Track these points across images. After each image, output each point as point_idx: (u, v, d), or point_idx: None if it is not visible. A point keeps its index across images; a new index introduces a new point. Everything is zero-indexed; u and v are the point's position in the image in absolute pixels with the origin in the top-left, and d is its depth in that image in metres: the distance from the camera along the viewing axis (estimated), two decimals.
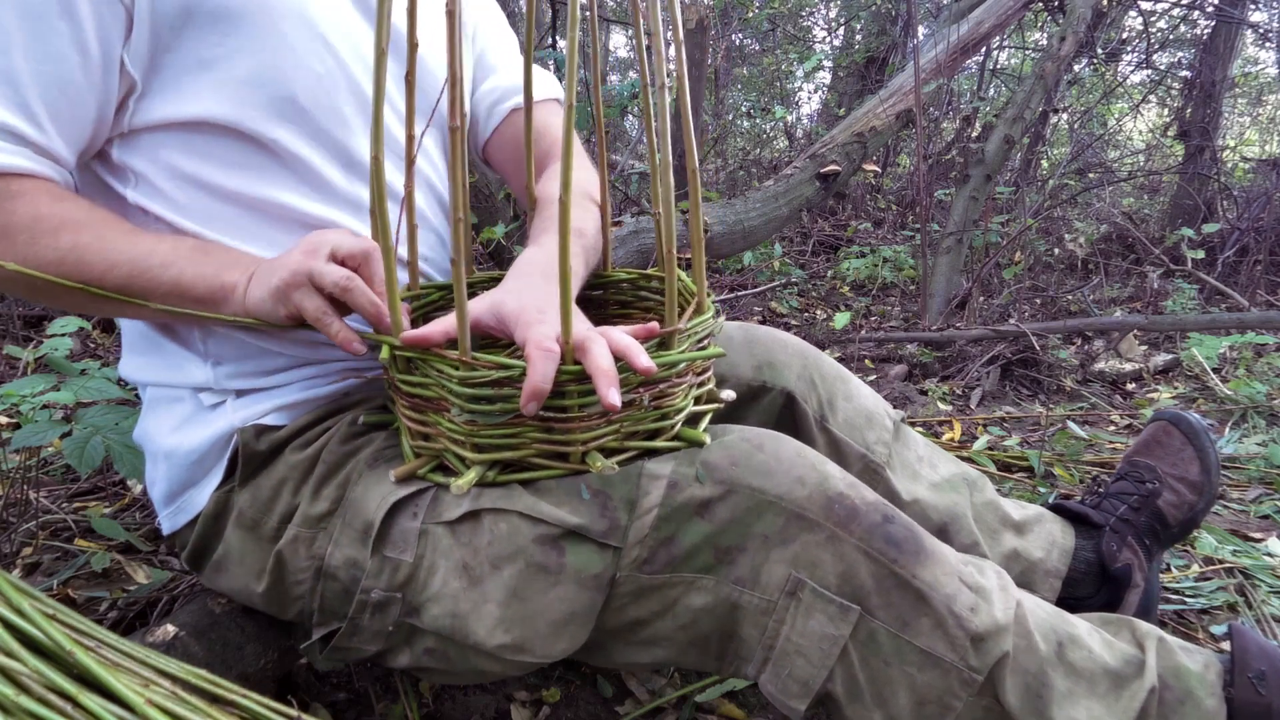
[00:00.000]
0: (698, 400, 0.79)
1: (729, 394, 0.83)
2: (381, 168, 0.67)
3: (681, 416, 0.76)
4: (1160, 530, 1.05)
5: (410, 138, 0.72)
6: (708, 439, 0.74)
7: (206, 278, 0.73)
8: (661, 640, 0.74)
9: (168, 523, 0.85)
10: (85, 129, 0.74)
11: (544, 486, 0.72)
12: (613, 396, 0.64)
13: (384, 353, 0.72)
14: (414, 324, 0.83)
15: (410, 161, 0.73)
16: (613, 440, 0.72)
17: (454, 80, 0.68)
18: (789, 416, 0.95)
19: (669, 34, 0.71)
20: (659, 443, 0.74)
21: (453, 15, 0.67)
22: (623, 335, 0.68)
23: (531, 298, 0.72)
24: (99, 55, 0.72)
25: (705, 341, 0.79)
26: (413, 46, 0.69)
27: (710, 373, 0.82)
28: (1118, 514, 1.04)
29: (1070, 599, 1.00)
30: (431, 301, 0.88)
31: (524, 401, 0.65)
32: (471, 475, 0.70)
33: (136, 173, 0.78)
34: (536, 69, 0.95)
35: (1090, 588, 1.01)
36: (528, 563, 0.70)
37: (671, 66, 0.71)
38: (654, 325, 0.74)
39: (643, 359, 0.67)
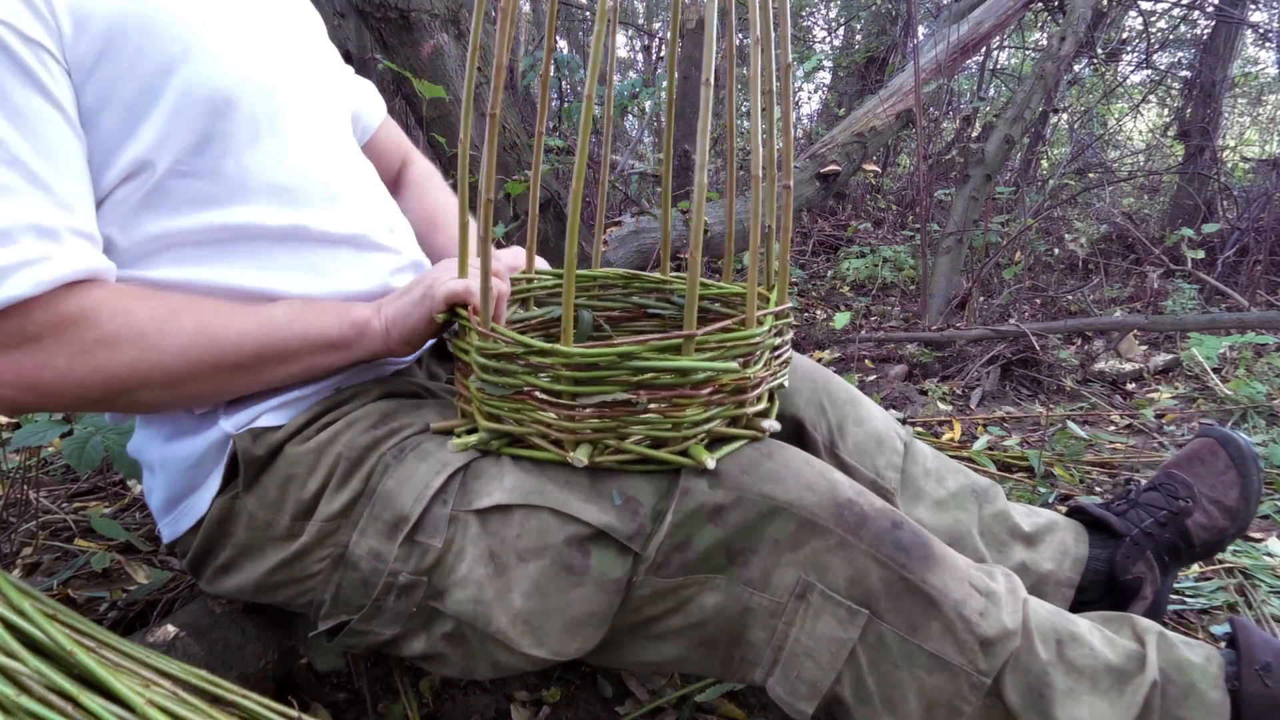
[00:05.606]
0: (734, 423, 0.75)
1: (772, 424, 0.77)
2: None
3: (695, 432, 0.71)
4: (1183, 549, 1.01)
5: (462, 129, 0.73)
6: (711, 464, 0.70)
7: (332, 323, 0.77)
8: (671, 636, 0.74)
9: (168, 531, 0.83)
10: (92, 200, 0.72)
11: (573, 483, 0.73)
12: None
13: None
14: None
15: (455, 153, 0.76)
16: (611, 437, 0.71)
17: (499, 68, 0.70)
18: (798, 444, 0.92)
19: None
20: (659, 453, 0.71)
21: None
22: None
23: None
24: (76, 121, 0.69)
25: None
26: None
27: (753, 395, 0.76)
28: (1142, 526, 1.01)
29: (1075, 601, 0.99)
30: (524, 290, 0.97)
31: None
32: (471, 439, 0.76)
33: (111, 241, 0.75)
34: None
35: (1097, 593, 1.00)
36: (554, 560, 0.71)
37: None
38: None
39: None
